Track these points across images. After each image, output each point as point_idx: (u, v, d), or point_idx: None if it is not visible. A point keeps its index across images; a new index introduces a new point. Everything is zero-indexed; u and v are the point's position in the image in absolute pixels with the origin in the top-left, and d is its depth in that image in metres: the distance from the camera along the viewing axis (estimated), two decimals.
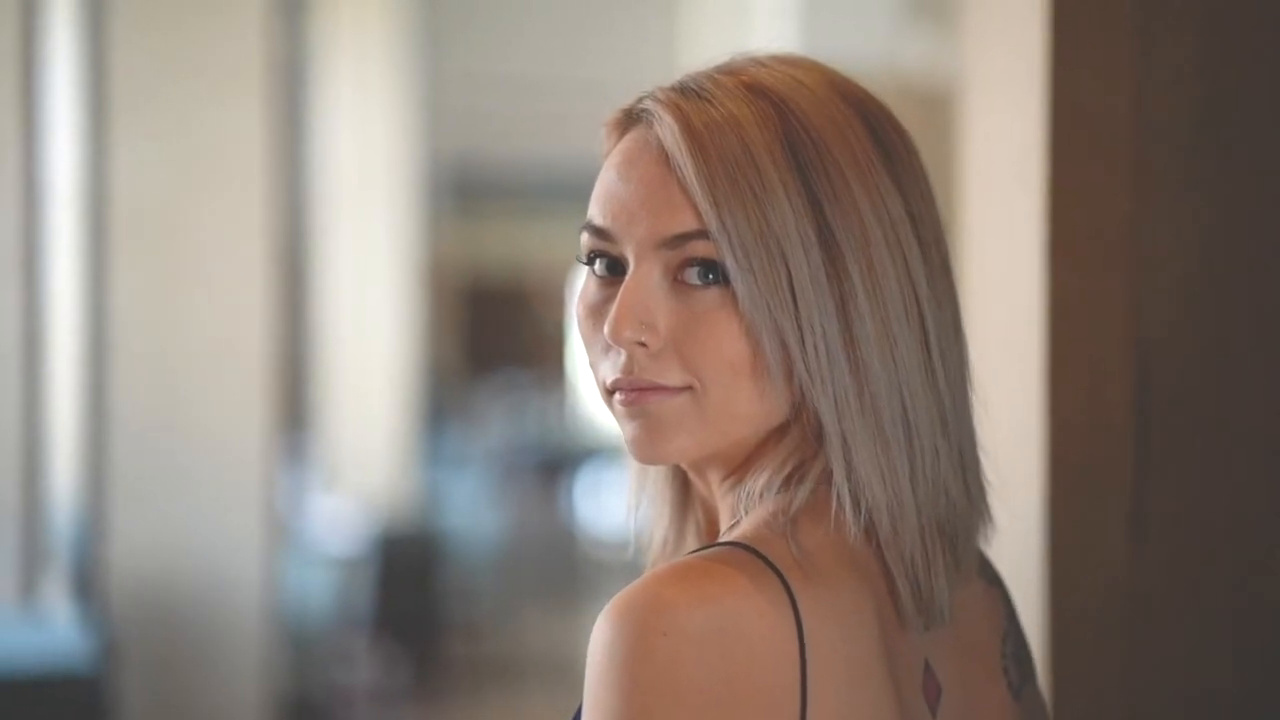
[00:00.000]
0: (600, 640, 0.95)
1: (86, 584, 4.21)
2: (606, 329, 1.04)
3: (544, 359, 14.07)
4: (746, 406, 1.04)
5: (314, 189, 7.61)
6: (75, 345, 4.36)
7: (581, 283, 1.11)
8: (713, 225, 1.01)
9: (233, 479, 4.20)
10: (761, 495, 1.04)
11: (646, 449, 1.05)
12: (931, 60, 5.07)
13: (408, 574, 6.57)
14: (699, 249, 1.03)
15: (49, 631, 3.92)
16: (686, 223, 1.03)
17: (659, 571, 0.96)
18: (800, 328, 1.01)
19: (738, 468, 1.07)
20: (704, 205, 1.02)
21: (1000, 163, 1.45)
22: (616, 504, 10.60)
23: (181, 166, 4.18)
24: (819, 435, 1.04)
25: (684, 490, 1.17)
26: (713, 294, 1.03)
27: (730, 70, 1.08)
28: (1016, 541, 1.32)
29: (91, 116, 4.20)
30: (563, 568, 9.34)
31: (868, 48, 5.06)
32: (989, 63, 1.49)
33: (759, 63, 1.08)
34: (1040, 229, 1.34)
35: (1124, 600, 1.35)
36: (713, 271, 1.03)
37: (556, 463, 11.02)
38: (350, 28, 7.82)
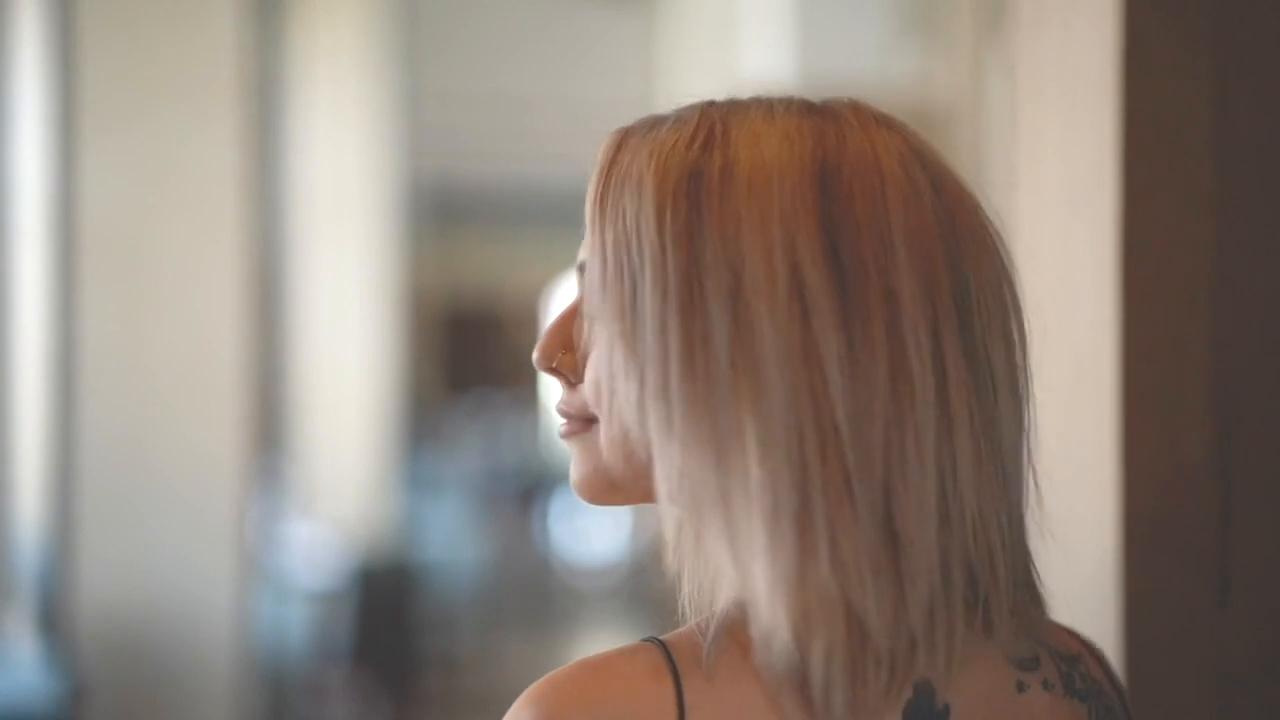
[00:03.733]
0: None
1: (53, 620, 4.10)
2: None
3: (519, 382, 13.99)
4: (607, 447, 0.98)
5: (289, 209, 7.51)
6: (42, 370, 4.27)
7: None
8: (586, 246, 0.99)
9: (205, 511, 4.12)
10: None
11: (573, 485, 1.02)
12: (922, 74, 5.00)
13: (385, 606, 6.48)
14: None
15: (13, 672, 3.82)
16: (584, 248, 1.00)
17: (569, 666, 0.93)
18: (630, 365, 0.94)
19: None
20: (587, 225, 0.99)
21: (1059, 187, 1.31)
22: (594, 531, 10.49)
23: (153, 187, 4.12)
24: None
25: None
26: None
27: (731, 97, 1.03)
28: (1090, 608, 1.19)
29: (60, 134, 4.12)
30: (542, 597, 9.24)
31: (858, 63, 4.99)
32: (1043, 74, 1.35)
33: (780, 99, 1.00)
34: (1110, 261, 1.21)
35: (1209, 672, 1.22)
36: None
37: (533, 489, 10.93)
38: (326, 46, 7.75)
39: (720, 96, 1.02)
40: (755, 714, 0.90)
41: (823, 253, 0.92)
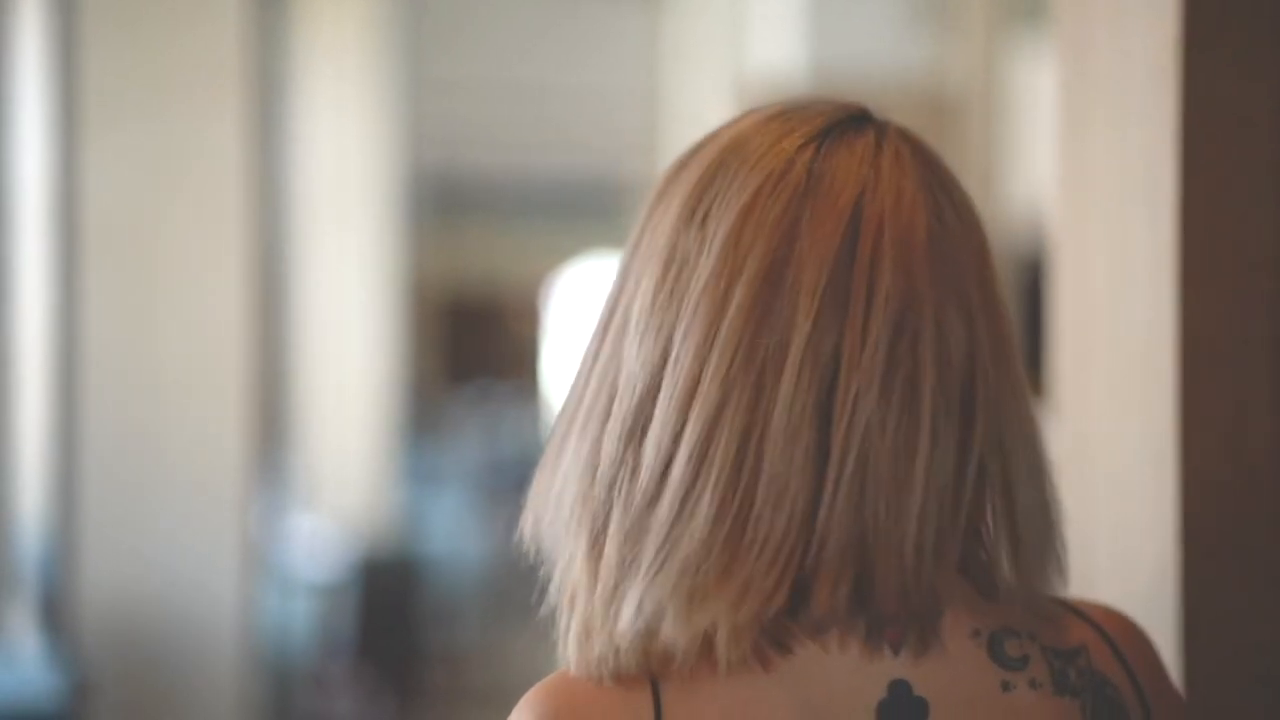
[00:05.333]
0: None
1: (55, 615, 4.07)
2: None
3: (520, 374, 13.96)
4: None
5: (292, 201, 7.47)
6: (45, 364, 4.23)
7: None
8: None
9: (209, 505, 4.10)
10: None
11: None
12: (934, 64, 4.96)
13: (387, 599, 6.45)
14: None
15: (16, 667, 3.79)
16: None
17: (561, 672, 0.98)
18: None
19: None
20: None
21: (1111, 178, 1.26)
22: None
23: (156, 180, 4.10)
24: None
25: None
26: None
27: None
28: (1148, 619, 1.14)
29: (64, 128, 4.09)
30: (544, 591, 9.20)
31: (869, 53, 4.95)
32: (1093, 62, 1.30)
33: (799, 99, 1.04)
34: (1169, 255, 1.16)
35: (1275, 685, 1.17)
36: None
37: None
38: (329, 38, 7.71)
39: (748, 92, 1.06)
40: (733, 709, 0.93)
41: (670, 231, 0.98)
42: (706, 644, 0.93)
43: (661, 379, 0.95)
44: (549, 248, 13.29)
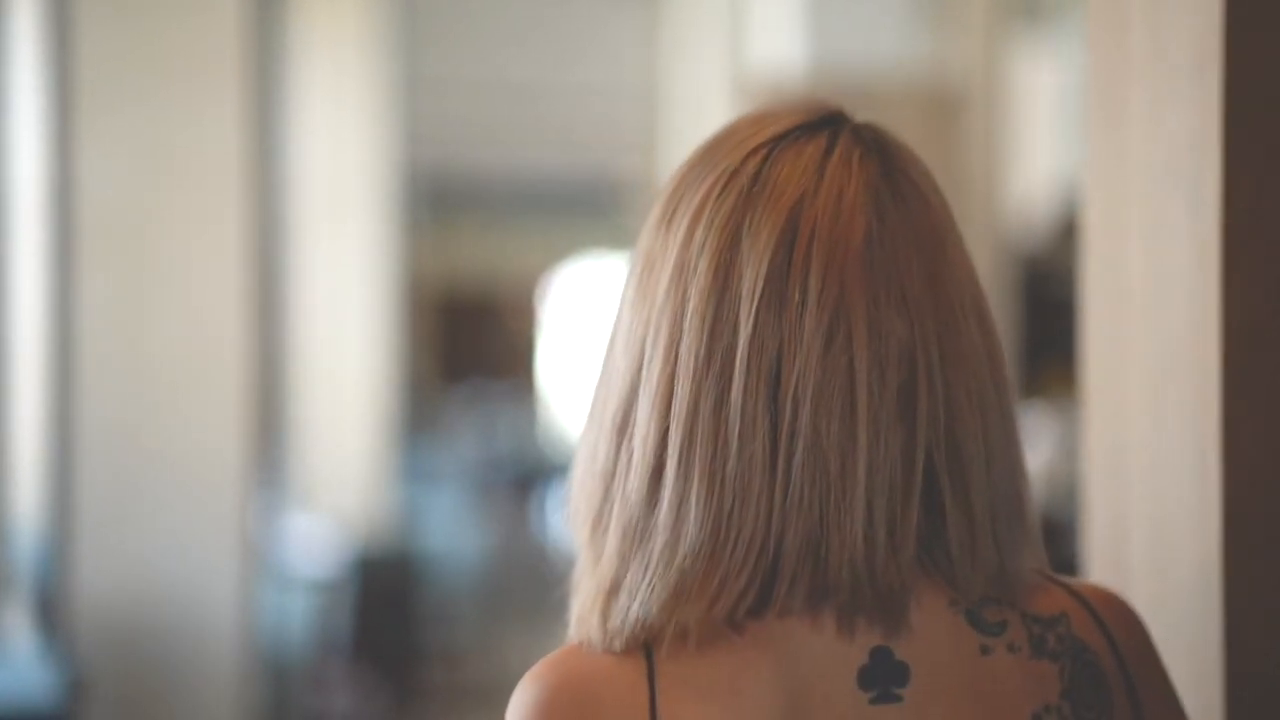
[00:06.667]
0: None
1: (51, 614, 4.04)
2: None
3: (515, 371, 13.95)
4: None
5: (287, 196, 7.44)
6: (41, 359, 4.20)
7: None
8: None
9: (205, 502, 4.07)
10: None
11: None
12: (935, 60, 4.94)
13: (385, 597, 6.43)
14: None
15: (11, 666, 3.76)
16: None
17: (563, 648, 1.02)
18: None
19: None
20: None
21: (1151, 163, 1.23)
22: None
23: (152, 171, 4.08)
24: None
25: None
26: None
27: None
28: (1190, 617, 1.11)
29: (59, 118, 4.05)
30: (541, 588, 9.19)
31: (869, 49, 4.93)
32: (1127, 44, 1.27)
33: (790, 100, 1.08)
34: (1212, 240, 1.13)
35: None
36: None
37: (530, 478, 10.88)
38: (325, 32, 7.68)
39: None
40: (722, 677, 0.98)
41: (649, 233, 1.03)
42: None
43: (640, 379, 1.00)
44: (545, 245, 13.27)
